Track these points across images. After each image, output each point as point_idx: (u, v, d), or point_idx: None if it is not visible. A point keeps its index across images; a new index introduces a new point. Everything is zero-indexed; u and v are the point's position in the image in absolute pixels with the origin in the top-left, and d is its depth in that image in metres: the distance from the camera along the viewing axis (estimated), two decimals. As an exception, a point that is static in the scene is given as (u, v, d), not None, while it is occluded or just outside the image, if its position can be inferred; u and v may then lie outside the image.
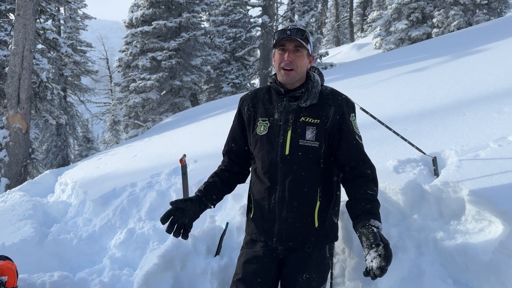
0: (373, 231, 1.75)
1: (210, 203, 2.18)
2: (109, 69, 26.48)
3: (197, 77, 17.32)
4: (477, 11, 15.82)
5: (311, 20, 15.81)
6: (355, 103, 2.14)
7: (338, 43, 34.12)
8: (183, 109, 16.64)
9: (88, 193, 5.31)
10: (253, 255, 2.09)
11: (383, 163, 2.75)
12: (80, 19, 19.72)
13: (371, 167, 2.02)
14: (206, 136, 6.60)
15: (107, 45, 28.05)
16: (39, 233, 4.31)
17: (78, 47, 18.82)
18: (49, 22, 15.69)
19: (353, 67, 11.72)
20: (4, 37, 12.42)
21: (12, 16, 12.77)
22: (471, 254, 2.03)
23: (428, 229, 2.25)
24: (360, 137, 2.06)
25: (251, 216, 2.15)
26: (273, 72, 2.16)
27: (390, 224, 2.35)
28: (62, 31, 18.83)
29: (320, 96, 2.05)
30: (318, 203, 2.01)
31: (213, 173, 2.26)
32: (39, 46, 14.31)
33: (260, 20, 20.14)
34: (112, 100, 23.13)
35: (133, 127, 18.74)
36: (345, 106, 2.04)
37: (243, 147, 2.20)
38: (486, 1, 15.32)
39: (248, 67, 21.32)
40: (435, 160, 2.54)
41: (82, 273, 3.44)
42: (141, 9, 16.92)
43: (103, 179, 5.91)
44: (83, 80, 19.60)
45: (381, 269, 1.65)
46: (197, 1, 17.04)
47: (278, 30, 2.05)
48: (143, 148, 7.69)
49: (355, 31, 34.42)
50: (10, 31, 11.90)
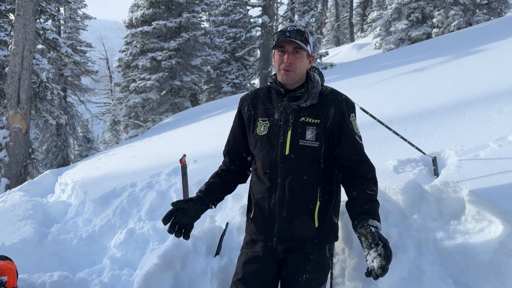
0: (371, 231, 1.76)
1: (211, 204, 2.19)
2: (109, 69, 26.45)
3: (197, 77, 17.31)
4: (477, 11, 15.82)
5: (311, 20, 15.80)
6: (355, 103, 2.14)
7: (338, 43, 34.12)
8: (183, 109, 16.64)
9: (88, 193, 5.31)
10: (253, 255, 2.09)
11: (383, 163, 2.75)
12: (80, 19, 19.69)
13: (371, 167, 2.02)
14: (206, 136, 6.60)
15: (107, 45, 28.03)
16: (39, 233, 4.31)
17: (78, 47, 18.80)
18: (49, 22, 15.68)
19: (353, 67, 11.72)
20: (4, 37, 12.41)
21: (12, 16, 12.76)
22: (471, 254, 2.03)
23: (428, 229, 2.25)
24: (360, 137, 2.06)
25: (251, 216, 2.15)
26: (273, 72, 2.16)
27: (390, 224, 2.35)
28: (62, 31, 18.81)
29: (320, 96, 2.05)
30: (318, 203, 2.01)
31: (213, 174, 2.27)
32: (39, 46, 14.30)
33: (260, 20, 20.15)
34: (112, 100, 23.12)
35: (133, 127, 18.74)
36: (345, 106, 2.04)
37: (243, 147, 2.20)
38: (486, 1, 15.32)
39: (248, 67, 21.32)
40: (435, 160, 2.54)
41: (82, 273, 3.44)
42: (141, 9, 16.91)
43: (103, 179, 5.91)
44: (83, 80, 19.59)
45: (382, 268, 1.65)
46: (197, 1, 17.03)
47: (278, 31, 2.05)
48: (143, 148, 7.69)
49: (355, 31, 34.42)
50: (10, 31, 11.89)
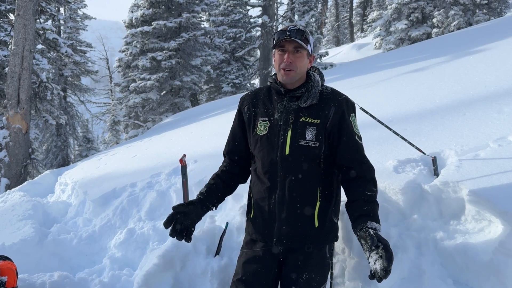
0: (369, 233, 1.75)
1: (212, 206, 2.18)
2: (109, 69, 26.44)
3: (197, 77, 17.31)
4: (477, 11, 15.82)
5: (311, 20, 15.80)
6: (355, 103, 2.14)
7: (338, 43, 34.11)
8: (183, 109, 16.64)
9: (88, 193, 5.31)
10: (253, 255, 2.09)
11: (383, 163, 2.75)
12: (80, 19, 19.68)
13: (370, 168, 2.01)
14: (206, 136, 6.60)
15: (107, 45, 28.01)
16: (39, 233, 4.31)
17: (78, 47, 18.79)
18: (49, 22, 15.68)
19: (353, 67, 11.72)
20: (4, 37, 12.42)
21: (12, 16, 12.76)
22: (471, 254, 2.03)
23: (428, 229, 2.25)
24: (360, 137, 2.06)
25: (251, 216, 2.15)
26: (273, 72, 2.16)
27: (390, 224, 2.35)
28: (62, 31, 18.80)
29: (320, 96, 2.05)
30: (318, 203, 2.01)
31: (214, 175, 2.26)
32: (39, 46, 14.30)
33: (260, 20, 20.15)
34: (112, 100, 23.11)
35: (133, 127, 18.73)
36: (345, 106, 2.04)
37: (243, 147, 2.20)
38: (486, 1, 15.32)
39: (248, 67, 21.32)
40: (435, 160, 2.54)
41: (82, 273, 3.45)
42: (141, 9, 16.91)
43: (103, 179, 5.92)
44: (83, 80, 19.58)
45: (384, 270, 1.65)
46: (197, 1, 17.03)
47: (278, 30, 2.04)
48: (143, 148, 7.69)
49: (355, 31, 34.41)
50: (10, 31, 11.89)
